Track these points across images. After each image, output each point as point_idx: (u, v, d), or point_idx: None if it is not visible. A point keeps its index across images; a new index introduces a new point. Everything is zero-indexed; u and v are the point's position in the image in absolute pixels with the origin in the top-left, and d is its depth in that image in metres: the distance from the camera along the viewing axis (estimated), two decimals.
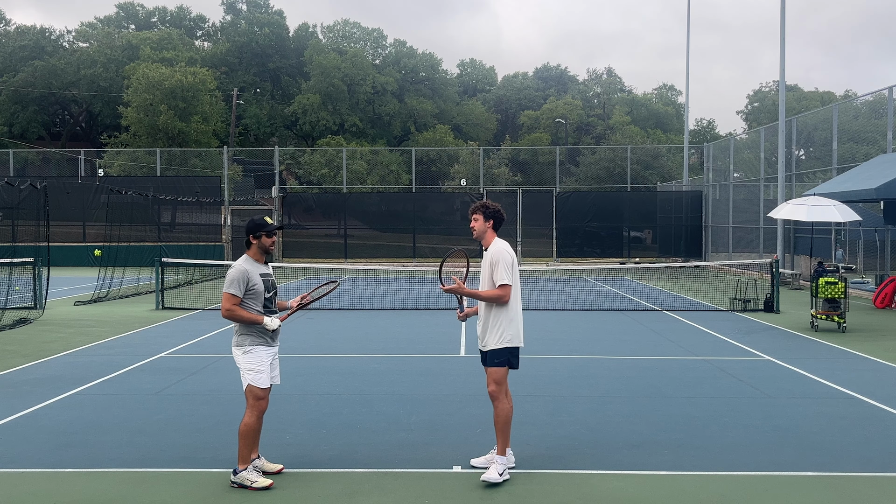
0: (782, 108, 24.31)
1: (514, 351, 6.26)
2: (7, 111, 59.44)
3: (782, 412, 8.15)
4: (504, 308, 6.21)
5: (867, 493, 5.85)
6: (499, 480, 6.00)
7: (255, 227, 6.17)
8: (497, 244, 6.37)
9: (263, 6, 68.23)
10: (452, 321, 14.68)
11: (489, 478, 6.00)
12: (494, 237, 6.45)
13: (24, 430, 7.48)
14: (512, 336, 6.22)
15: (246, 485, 5.89)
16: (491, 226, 6.43)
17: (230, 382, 9.63)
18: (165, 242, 26.53)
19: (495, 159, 52.80)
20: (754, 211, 28.58)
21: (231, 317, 6.07)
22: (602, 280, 26.40)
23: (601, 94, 76.91)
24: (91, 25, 67.74)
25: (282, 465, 6.31)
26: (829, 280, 14.14)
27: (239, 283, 6.03)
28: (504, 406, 6.18)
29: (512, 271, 6.24)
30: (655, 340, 13.01)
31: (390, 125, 64.96)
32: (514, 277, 6.26)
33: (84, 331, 14.05)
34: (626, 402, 8.63)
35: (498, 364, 6.20)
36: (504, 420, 6.16)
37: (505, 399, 6.21)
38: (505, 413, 6.17)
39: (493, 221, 6.43)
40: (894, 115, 20.35)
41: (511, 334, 6.21)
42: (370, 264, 32.04)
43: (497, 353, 6.20)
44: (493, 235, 6.45)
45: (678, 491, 5.87)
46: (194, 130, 50.45)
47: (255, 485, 5.88)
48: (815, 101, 57.45)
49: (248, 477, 5.91)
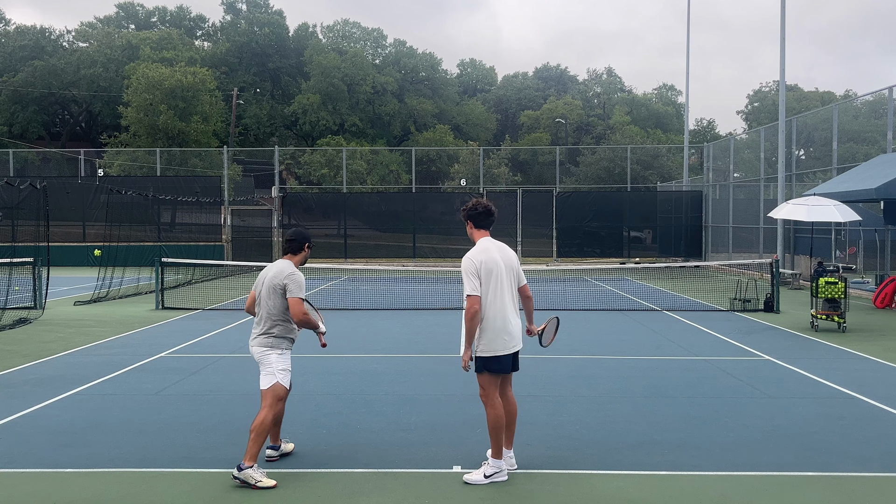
0: (782, 108, 24.31)
1: (487, 360, 6.02)
2: (7, 111, 59.44)
3: (782, 412, 8.15)
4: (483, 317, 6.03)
5: (867, 493, 5.85)
6: (481, 482, 5.95)
7: (309, 237, 6.70)
8: (471, 250, 6.19)
9: (263, 6, 68.22)
10: (453, 321, 14.69)
11: (469, 479, 6.00)
12: (481, 237, 6.26)
13: (24, 430, 7.48)
14: (483, 346, 6.02)
15: (249, 482, 5.86)
16: (473, 226, 6.29)
17: (230, 382, 9.64)
18: (165, 242, 26.54)
19: (495, 159, 52.81)
20: (754, 211, 28.58)
21: (307, 321, 6.31)
22: (602, 280, 26.40)
23: (601, 93, 76.96)
24: (91, 25, 67.77)
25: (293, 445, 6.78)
26: (829, 280, 14.14)
27: (304, 288, 6.39)
28: (490, 412, 6.05)
29: (480, 278, 5.97)
30: (655, 340, 13.01)
31: (390, 125, 64.97)
32: (488, 283, 5.99)
33: (84, 331, 14.05)
34: (626, 402, 8.63)
35: (476, 370, 6.12)
36: (492, 424, 6.04)
37: (492, 405, 6.05)
38: (492, 418, 6.03)
39: (472, 221, 6.27)
40: (894, 115, 20.35)
41: (483, 344, 6.01)
42: (370, 264, 32.05)
43: (476, 361, 6.12)
44: (479, 234, 6.28)
45: (678, 491, 5.86)
46: (194, 130, 50.45)
47: (259, 484, 5.86)
48: (816, 101, 57.45)
49: (253, 475, 5.89)
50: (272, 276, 6.35)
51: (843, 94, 63.31)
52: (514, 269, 6.23)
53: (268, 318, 6.32)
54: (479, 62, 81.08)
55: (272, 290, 6.30)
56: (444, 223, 35.62)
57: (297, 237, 6.58)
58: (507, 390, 6.26)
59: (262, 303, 6.38)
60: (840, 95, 62.16)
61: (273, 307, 6.30)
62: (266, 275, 6.42)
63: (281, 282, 6.28)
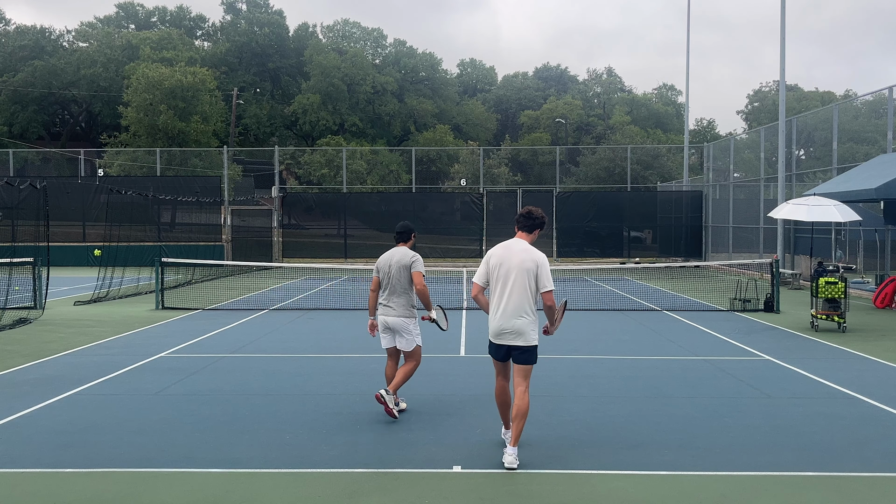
0: (782, 108, 24.31)
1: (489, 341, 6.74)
2: (7, 111, 59.43)
3: (782, 412, 8.15)
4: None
5: (866, 493, 5.85)
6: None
7: (414, 229, 8.28)
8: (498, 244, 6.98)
9: (263, 6, 68.22)
10: (452, 321, 14.68)
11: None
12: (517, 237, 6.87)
13: (24, 430, 7.48)
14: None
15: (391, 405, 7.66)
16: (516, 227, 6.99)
17: (230, 382, 9.64)
18: (165, 242, 26.53)
19: (495, 159, 52.82)
20: (754, 211, 28.58)
21: (425, 292, 7.92)
22: (602, 280, 26.40)
23: (601, 93, 76.96)
24: (91, 25, 67.79)
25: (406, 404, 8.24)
26: (829, 280, 14.13)
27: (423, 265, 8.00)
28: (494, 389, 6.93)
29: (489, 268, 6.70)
30: (655, 340, 13.01)
31: (390, 125, 64.97)
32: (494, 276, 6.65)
33: (84, 331, 14.05)
34: (626, 402, 8.63)
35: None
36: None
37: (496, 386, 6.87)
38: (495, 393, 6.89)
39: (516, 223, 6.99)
40: (894, 115, 20.35)
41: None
42: (370, 264, 31.92)
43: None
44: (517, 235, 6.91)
45: (678, 491, 5.86)
46: (194, 130, 50.45)
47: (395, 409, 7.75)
48: (816, 101, 57.45)
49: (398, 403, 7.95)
50: (398, 258, 7.92)
51: (844, 94, 63.33)
52: (527, 271, 6.50)
53: (402, 291, 7.87)
54: (479, 62, 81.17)
55: (402, 268, 7.88)
56: (444, 223, 35.61)
57: (405, 229, 8.15)
58: (517, 386, 6.58)
59: (391, 281, 7.89)
60: (840, 95, 62.17)
61: (405, 281, 7.87)
62: (391, 259, 7.95)
63: (409, 261, 7.88)
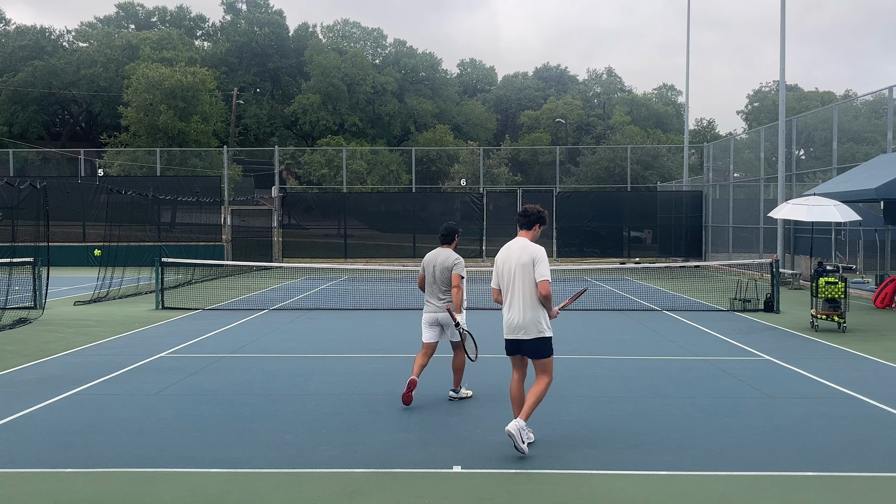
0: (782, 108, 24.31)
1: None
2: (7, 111, 59.42)
3: (782, 412, 8.15)
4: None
5: (866, 493, 5.85)
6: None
7: (458, 229, 8.78)
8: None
9: (263, 6, 68.21)
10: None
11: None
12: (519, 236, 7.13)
13: (24, 430, 7.48)
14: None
15: (462, 396, 8.59)
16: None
17: (230, 382, 9.64)
18: (165, 242, 26.53)
19: (495, 159, 52.81)
20: (754, 211, 28.58)
21: (461, 295, 8.33)
22: (602, 280, 26.40)
23: (601, 93, 76.95)
24: (91, 25, 67.78)
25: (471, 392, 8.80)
26: (829, 280, 14.13)
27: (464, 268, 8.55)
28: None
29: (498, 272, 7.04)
30: (655, 340, 13.01)
31: (390, 125, 64.96)
32: (501, 277, 6.99)
33: (84, 331, 14.05)
34: (625, 402, 8.63)
35: None
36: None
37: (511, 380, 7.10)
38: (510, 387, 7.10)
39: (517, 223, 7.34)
40: (894, 115, 20.35)
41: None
42: (370, 264, 32.04)
43: None
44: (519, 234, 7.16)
45: (678, 491, 5.86)
46: (194, 130, 50.43)
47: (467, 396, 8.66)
48: (816, 101, 57.45)
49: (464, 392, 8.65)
50: (442, 259, 8.42)
51: (844, 94, 63.33)
52: (524, 265, 6.79)
53: (447, 290, 8.34)
54: (479, 62, 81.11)
55: (445, 269, 8.36)
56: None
57: (448, 231, 8.65)
58: (536, 373, 6.89)
59: (436, 280, 8.40)
60: (840, 95, 62.17)
61: (448, 281, 8.33)
62: (435, 260, 8.45)
63: (451, 264, 8.36)
